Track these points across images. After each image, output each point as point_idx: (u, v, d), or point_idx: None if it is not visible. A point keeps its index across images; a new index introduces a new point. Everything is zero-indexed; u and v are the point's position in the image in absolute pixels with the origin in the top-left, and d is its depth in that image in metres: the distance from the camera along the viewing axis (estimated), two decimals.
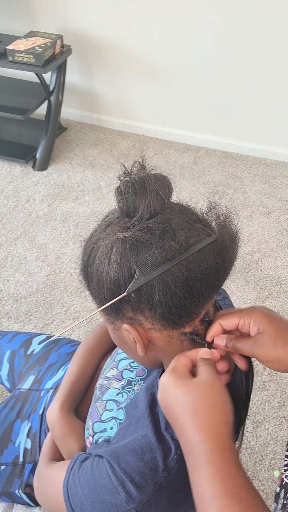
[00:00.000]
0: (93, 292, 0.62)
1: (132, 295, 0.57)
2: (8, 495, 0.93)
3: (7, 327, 1.77)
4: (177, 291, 0.56)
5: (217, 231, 0.60)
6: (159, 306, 0.56)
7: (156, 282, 0.55)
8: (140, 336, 0.60)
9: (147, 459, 0.61)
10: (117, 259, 0.56)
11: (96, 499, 0.62)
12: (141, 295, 0.56)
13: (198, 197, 2.40)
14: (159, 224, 0.57)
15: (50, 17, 2.57)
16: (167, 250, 0.55)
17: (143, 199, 0.57)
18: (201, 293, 0.57)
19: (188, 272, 0.56)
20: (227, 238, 0.60)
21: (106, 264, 0.57)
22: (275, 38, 2.30)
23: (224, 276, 0.61)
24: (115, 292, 0.58)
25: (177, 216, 0.59)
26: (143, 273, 0.55)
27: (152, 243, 0.56)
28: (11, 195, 2.37)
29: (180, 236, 0.56)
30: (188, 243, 0.56)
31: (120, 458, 0.62)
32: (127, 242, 0.56)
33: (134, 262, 0.56)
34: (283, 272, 2.04)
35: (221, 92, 2.55)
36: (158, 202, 0.57)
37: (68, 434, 0.81)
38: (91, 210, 2.30)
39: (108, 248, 0.58)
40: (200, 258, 0.56)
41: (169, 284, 0.55)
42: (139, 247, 0.56)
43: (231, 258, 0.60)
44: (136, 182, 0.57)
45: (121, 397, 0.73)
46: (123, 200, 0.58)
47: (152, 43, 2.50)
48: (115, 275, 0.57)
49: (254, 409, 1.58)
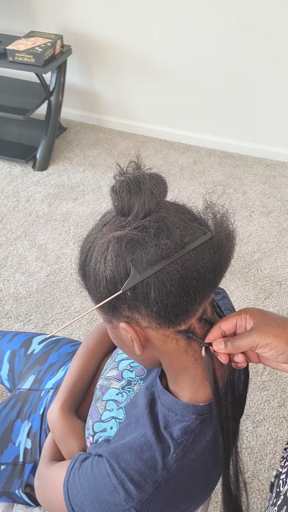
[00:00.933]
0: (91, 291, 0.62)
1: (128, 293, 0.57)
2: (8, 495, 0.93)
3: (7, 327, 1.77)
4: (173, 289, 0.56)
5: (213, 229, 0.60)
6: (155, 304, 0.56)
7: (152, 280, 0.55)
8: (137, 334, 0.61)
9: (146, 458, 0.61)
10: (113, 257, 0.57)
11: (96, 498, 0.62)
12: (137, 293, 0.56)
13: (197, 197, 2.40)
14: (154, 222, 0.57)
15: (50, 17, 2.57)
16: (162, 249, 0.55)
17: (138, 198, 0.57)
18: (197, 291, 0.57)
19: (184, 270, 0.56)
20: (223, 236, 0.60)
21: (102, 263, 0.58)
22: (275, 38, 2.30)
23: (221, 275, 0.61)
24: (111, 290, 0.58)
25: (172, 215, 0.59)
26: (139, 272, 0.55)
27: (147, 241, 0.56)
28: (11, 195, 2.37)
29: (175, 235, 0.57)
30: (183, 242, 0.56)
31: (120, 457, 0.62)
32: (122, 241, 0.57)
33: (129, 261, 0.56)
34: (283, 272, 2.04)
35: (221, 92, 2.55)
36: (152, 201, 0.58)
37: (68, 434, 0.81)
38: (91, 210, 2.30)
39: (104, 247, 0.58)
40: (195, 256, 0.57)
41: (164, 282, 0.55)
42: (134, 245, 0.56)
43: (227, 256, 0.61)
44: (131, 181, 0.58)
45: (121, 397, 0.73)
46: (118, 199, 0.58)
47: (152, 43, 2.50)
48: (111, 273, 0.57)
49: (254, 409, 1.58)
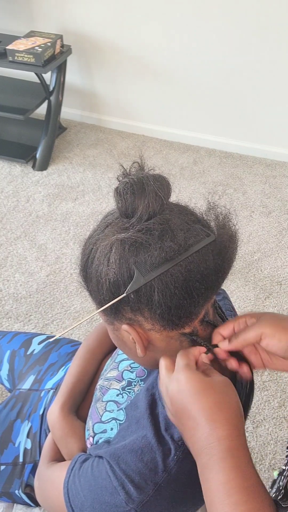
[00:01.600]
0: (92, 293, 0.62)
1: (131, 296, 0.56)
2: (8, 495, 0.93)
3: (7, 327, 1.77)
4: (177, 292, 0.56)
5: (216, 231, 0.59)
6: (158, 307, 0.56)
7: (155, 283, 0.55)
8: (140, 336, 0.60)
9: (147, 459, 0.61)
10: (116, 260, 0.56)
11: (96, 500, 0.62)
12: (141, 296, 0.56)
13: (198, 197, 2.40)
14: (158, 225, 0.57)
15: (50, 17, 2.57)
16: (166, 251, 0.55)
17: (142, 200, 0.57)
18: (201, 293, 0.57)
19: (187, 272, 0.56)
20: (226, 238, 0.60)
21: (105, 265, 0.57)
22: (275, 38, 2.29)
23: (223, 276, 0.61)
24: (114, 293, 0.58)
25: (176, 216, 0.59)
26: (142, 274, 0.55)
27: (151, 244, 0.56)
28: (11, 195, 2.37)
29: (179, 237, 0.56)
30: (187, 244, 0.56)
31: (120, 458, 0.62)
32: (126, 243, 0.56)
33: (133, 263, 0.56)
34: (283, 272, 2.04)
35: (221, 92, 2.55)
36: (157, 202, 0.57)
37: (68, 435, 0.81)
38: (91, 210, 2.30)
39: (107, 249, 0.58)
40: (199, 258, 0.56)
41: (168, 285, 0.55)
42: (138, 248, 0.56)
43: (230, 258, 0.60)
44: (135, 182, 0.57)
45: (121, 398, 0.73)
46: (122, 201, 0.58)
47: (152, 43, 2.50)
48: (114, 276, 0.57)
49: (254, 409, 1.58)
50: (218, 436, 0.53)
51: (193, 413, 0.55)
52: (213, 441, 0.54)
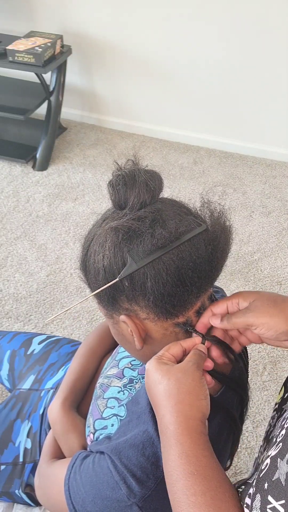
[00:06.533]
0: (91, 285, 0.64)
1: (125, 284, 0.59)
2: (8, 495, 0.93)
3: (7, 327, 1.77)
4: (169, 279, 0.57)
5: (209, 223, 0.62)
6: (151, 294, 0.58)
7: (148, 270, 0.57)
8: (137, 327, 0.62)
9: (148, 454, 0.61)
10: (111, 247, 0.59)
11: (98, 495, 0.62)
12: (135, 283, 0.58)
13: (197, 197, 2.39)
14: (150, 213, 0.59)
15: (50, 17, 2.57)
16: (157, 238, 0.57)
17: (133, 190, 0.60)
18: (193, 282, 0.59)
19: (180, 260, 0.57)
20: (219, 229, 0.62)
21: (100, 254, 0.60)
22: (275, 38, 2.30)
23: (217, 267, 0.62)
24: (109, 280, 0.60)
25: (168, 208, 0.61)
26: (135, 261, 0.57)
27: (143, 231, 0.58)
28: (11, 195, 2.37)
29: (170, 225, 0.59)
30: (178, 232, 0.58)
31: (122, 453, 0.62)
32: (119, 231, 0.59)
33: (126, 251, 0.58)
34: (283, 272, 2.04)
35: (221, 92, 2.55)
36: (147, 193, 0.60)
37: (69, 431, 0.81)
38: (91, 210, 2.30)
39: (102, 238, 0.60)
40: (191, 247, 0.58)
41: (160, 272, 0.57)
42: (131, 235, 0.58)
43: (223, 249, 0.62)
44: (127, 175, 0.60)
45: (123, 395, 0.73)
46: (114, 192, 0.61)
47: (152, 43, 2.50)
48: (109, 263, 0.59)
49: (254, 409, 1.58)
50: (166, 422, 0.56)
51: (152, 400, 0.59)
52: (163, 428, 0.57)
